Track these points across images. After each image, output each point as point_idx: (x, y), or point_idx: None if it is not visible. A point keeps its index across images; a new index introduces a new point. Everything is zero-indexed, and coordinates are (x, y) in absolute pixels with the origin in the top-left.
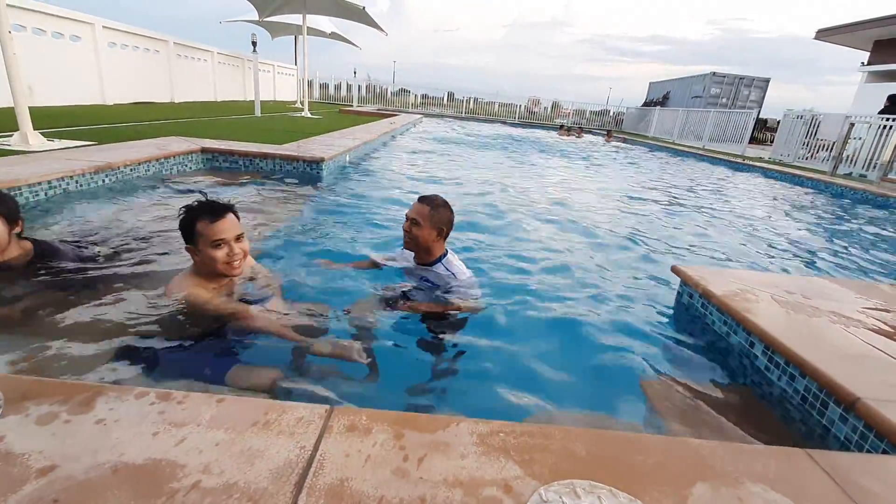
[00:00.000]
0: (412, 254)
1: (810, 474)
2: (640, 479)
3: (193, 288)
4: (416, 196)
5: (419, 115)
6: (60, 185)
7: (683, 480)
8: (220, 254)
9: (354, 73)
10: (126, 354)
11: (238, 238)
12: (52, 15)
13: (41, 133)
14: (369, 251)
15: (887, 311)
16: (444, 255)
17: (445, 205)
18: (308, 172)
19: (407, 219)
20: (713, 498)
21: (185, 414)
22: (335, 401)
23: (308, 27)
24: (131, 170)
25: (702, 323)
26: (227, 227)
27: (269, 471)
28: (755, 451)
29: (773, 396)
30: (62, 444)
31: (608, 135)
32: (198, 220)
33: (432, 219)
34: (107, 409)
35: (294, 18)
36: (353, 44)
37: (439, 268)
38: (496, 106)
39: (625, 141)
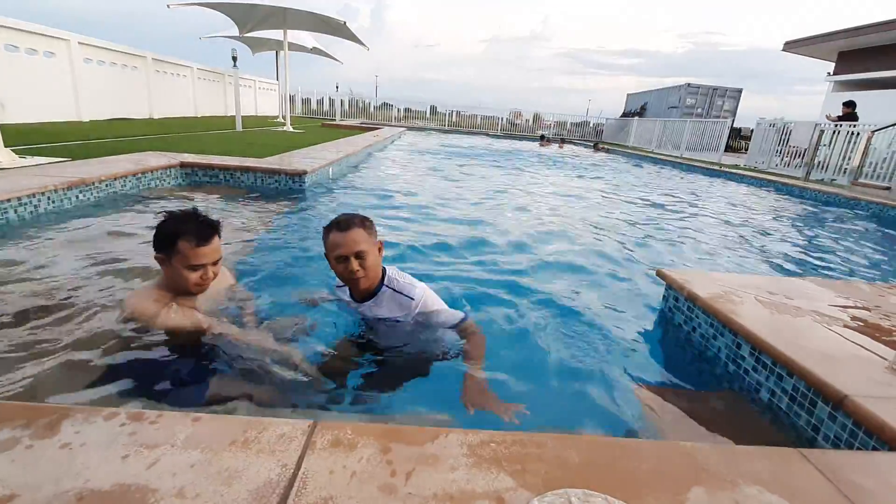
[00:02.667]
0: (346, 290)
1: (804, 474)
2: (634, 485)
3: (152, 303)
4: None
5: (402, 129)
6: (31, 202)
7: (679, 485)
8: (195, 276)
9: (337, 87)
10: (95, 374)
11: (215, 262)
12: (26, 31)
13: (12, 150)
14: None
15: (867, 309)
16: (384, 274)
17: (363, 216)
18: (290, 186)
19: (344, 258)
20: (709, 501)
21: (158, 434)
22: (319, 413)
23: (289, 42)
24: (107, 185)
25: (688, 326)
26: (209, 252)
27: (248, 492)
28: (749, 452)
29: (761, 397)
30: (23, 471)
31: (595, 147)
32: (181, 238)
33: (371, 237)
34: (73, 432)
35: (275, 34)
36: (335, 58)
37: (385, 295)
38: (478, 119)
39: (608, 151)
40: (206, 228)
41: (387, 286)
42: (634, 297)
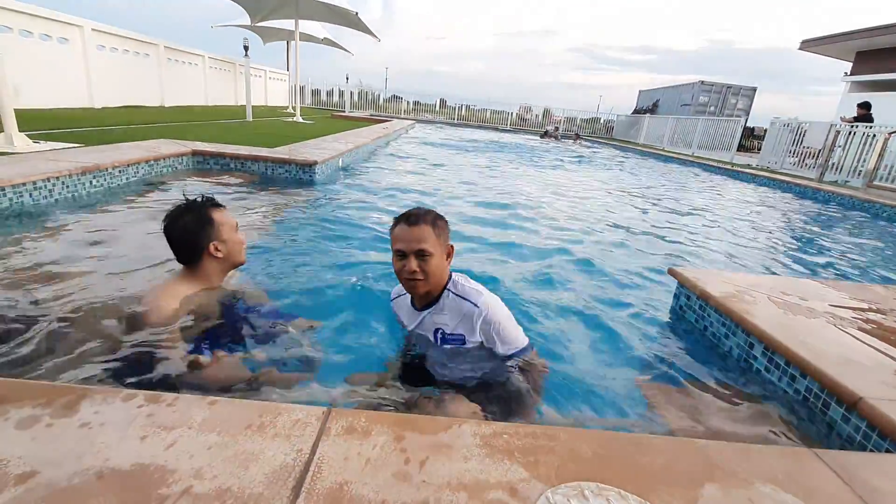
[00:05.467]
0: (406, 298)
1: (819, 474)
2: (648, 480)
3: (174, 300)
4: (401, 206)
5: (412, 121)
6: (46, 187)
7: (692, 481)
8: (243, 235)
9: (347, 78)
10: (108, 359)
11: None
12: (40, 17)
13: (27, 135)
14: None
15: (882, 312)
16: (449, 279)
17: (437, 213)
18: (300, 176)
19: (405, 254)
20: (723, 499)
21: (176, 416)
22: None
23: (300, 32)
24: (120, 171)
25: (700, 325)
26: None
27: (264, 475)
28: (762, 451)
29: (773, 397)
30: (43, 448)
31: (575, 137)
32: (214, 211)
33: (440, 238)
34: (92, 412)
35: (286, 24)
36: (346, 49)
37: (447, 300)
38: (488, 113)
39: (589, 146)
40: (211, 199)
41: (449, 290)
42: (643, 295)
